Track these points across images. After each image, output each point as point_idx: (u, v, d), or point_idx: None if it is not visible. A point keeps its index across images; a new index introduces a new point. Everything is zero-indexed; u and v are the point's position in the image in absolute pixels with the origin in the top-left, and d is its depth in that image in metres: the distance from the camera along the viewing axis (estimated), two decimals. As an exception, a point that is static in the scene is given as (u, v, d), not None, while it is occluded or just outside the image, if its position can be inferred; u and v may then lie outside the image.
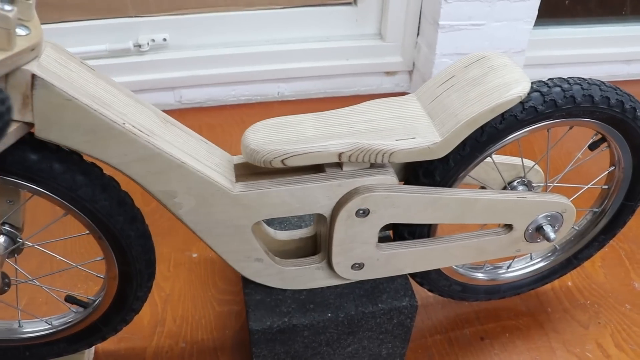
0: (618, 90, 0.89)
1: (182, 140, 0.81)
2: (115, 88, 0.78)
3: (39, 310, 1.16)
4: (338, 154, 0.80)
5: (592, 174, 1.07)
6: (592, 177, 1.06)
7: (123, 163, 0.77)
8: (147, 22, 1.67)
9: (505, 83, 0.80)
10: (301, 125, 0.84)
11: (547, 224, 0.97)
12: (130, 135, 0.74)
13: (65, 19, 1.61)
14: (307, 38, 1.80)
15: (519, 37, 1.66)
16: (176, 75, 1.72)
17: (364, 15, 1.79)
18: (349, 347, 1.02)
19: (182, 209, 0.83)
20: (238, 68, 1.76)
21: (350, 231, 0.88)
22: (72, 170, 0.79)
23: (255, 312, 0.95)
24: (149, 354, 1.11)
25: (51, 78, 0.69)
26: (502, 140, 0.88)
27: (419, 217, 0.89)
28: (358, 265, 0.94)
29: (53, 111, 0.70)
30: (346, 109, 0.87)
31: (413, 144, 0.80)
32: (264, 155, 0.80)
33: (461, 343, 1.15)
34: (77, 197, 0.80)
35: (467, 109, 0.80)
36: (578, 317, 1.21)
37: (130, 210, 0.86)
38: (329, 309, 0.96)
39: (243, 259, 0.91)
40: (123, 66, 1.67)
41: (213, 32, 1.73)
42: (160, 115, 0.82)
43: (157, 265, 1.28)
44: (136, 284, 0.93)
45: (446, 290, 1.10)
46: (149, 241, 0.91)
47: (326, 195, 0.85)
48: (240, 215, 0.85)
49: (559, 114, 0.86)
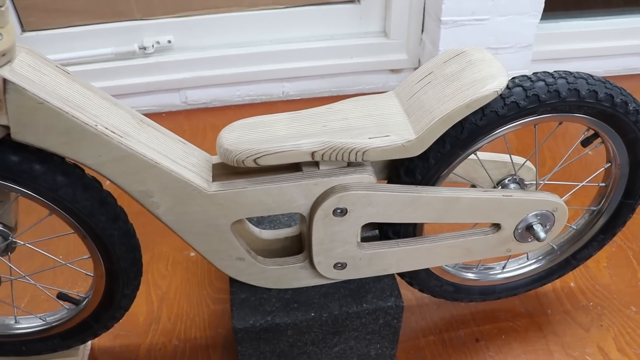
0: (607, 84, 0.86)
1: (157, 141, 0.82)
2: (91, 91, 0.79)
3: (40, 308, 1.19)
4: (310, 152, 0.80)
5: (591, 171, 1.04)
6: (589, 175, 1.03)
7: (98, 164, 0.78)
8: (151, 25, 1.69)
9: (482, 78, 0.78)
10: (275, 125, 0.84)
11: (537, 223, 0.95)
12: (103, 136, 0.75)
13: (72, 23, 1.64)
14: (311, 37, 1.80)
15: (525, 32, 1.63)
16: (181, 76, 1.74)
17: (368, 13, 1.78)
18: (335, 347, 1.01)
19: (160, 209, 0.84)
20: (242, 68, 1.77)
21: (329, 230, 0.88)
22: (52, 171, 0.81)
23: (239, 310, 0.95)
24: (143, 351, 1.13)
25: (23, 82, 0.70)
26: (486, 137, 0.86)
27: (400, 216, 0.88)
28: (340, 265, 0.93)
29: (26, 114, 0.72)
30: (323, 107, 0.86)
31: (387, 141, 0.79)
32: (237, 155, 0.80)
33: (455, 344, 1.13)
34: (59, 197, 0.82)
35: (442, 105, 0.79)
36: (579, 319, 1.18)
37: (112, 210, 0.88)
38: (313, 308, 0.96)
39: (225, 258, 0.92)
40: (129, 68, 1.70)
41: (217, 33, 1.74)
42: (136, 117, 0.83)
43: (155, 263, 1.31)
44: (122, 282, 0.94)
45: (438, 291, 1.09)
46: (133, 240, 0.92)
47: (303, 195, 0.85)
48: (217, 215, 0.85)
49: (543, 109, 0.84)
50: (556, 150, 1.52)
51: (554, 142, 1.54)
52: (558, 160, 1.45)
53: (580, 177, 1.06)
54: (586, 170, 1.06)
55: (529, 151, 1.58)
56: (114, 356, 1.12)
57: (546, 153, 1.53)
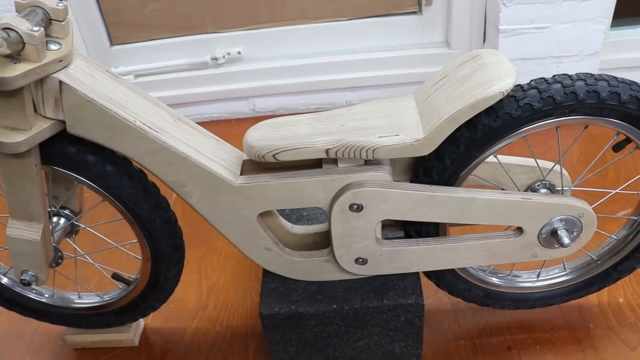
0: (633, 85, 0.84)
1: (191, 136, 0.91)
2: (135, 92, 0.90)
3: (97, 287, 1.32)
4: (325, 149, 0.85)
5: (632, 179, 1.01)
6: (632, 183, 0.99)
7: (137, 155, 0.88)
8: (223, 37, 1.82)
9: (490, 79, 0.80)
10: (297, 124, 0.90)
11: (562, 228, 0.93)
12: (141, 131, 0.86)
13: (153, 37, 1.82)
14: (374, 47, 1.85)
15: (591, 39, 1.57)
16: (250, 85, 1.86)
17: (430, 24, 1.80)
18: (359, 342, 1.05)
19: (192, 198, 0.93)
20: (307, 78, 1.86)
21: (347, 225, 0.92)
22: (103, 162, 0.92)
23: (267, 298, 1.02)
24: (188, 334, 1.23)
25: (75, 83, 0.82)
26: (502, 139, 0.87)
27: (415, 214, 0.91)
28: (362, 260, 0.97)
29: (77, 111, 0.84)
30: (343, 109, 0.91)
31: (396, 140, 0.83)
32: (258, 150, 0.87)
33: (486, 351, 1.12)
34: (108, 184, 0.94)
35: (450, 106, 0.81)
36: (624, 336, 1.12)
37: (155, 198, 0.98)
38: (336, 300, 1.00)
39: (253, 247, 0.99)
40: (201, 78, 1.84)
41: (283, 44, 1.85)
42: (174, 115, 0.93)
43: (209, 256, 1.41)
44: (165, 265, 1.04)
45: (467, 295, 1.09)
46: (174, 227, 1.02)
47: (322, 190, 0.90)
48: (243, 206, 0.93)
49: (560, 112, 0.84)
50: (592, 156, 1.45)
51: (591, 148, 1.48)
52: (593, 165, 1.39)
53: (620, 185, 1.02)
54: (627, 178, 1.02)
55: (565, 156, 1.53)
56: (163, 336, 1.23)
57: (581, 158, 1.47)
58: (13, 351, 1.23)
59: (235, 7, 1.77)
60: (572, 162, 1.53)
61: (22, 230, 0.93)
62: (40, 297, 1.15)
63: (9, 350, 1.23)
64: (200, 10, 1.77)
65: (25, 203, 0.91)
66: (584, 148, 1.57)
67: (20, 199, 0.90)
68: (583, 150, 1.56)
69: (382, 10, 1.80)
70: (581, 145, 1.59)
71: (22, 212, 0.92)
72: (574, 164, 1.52)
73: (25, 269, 0.97)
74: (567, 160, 1.53)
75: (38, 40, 0.77)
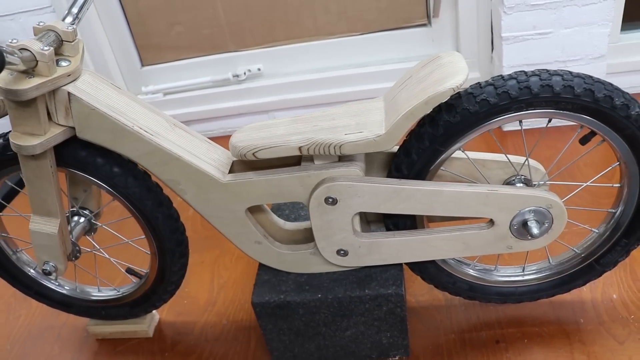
0: (587, 79, 0.88)
1: (184, 140, 1.02)
2: (135, 102, 1.01)
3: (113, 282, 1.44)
4: (298, 147, 0.94)
5: (612, 172, 1.03)
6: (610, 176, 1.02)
7: (137, 156, 0.99)
8: (243, 55, 1.95)
9: (443, 77, 0.86)
10: (277, 127, 0.99)
11: (532, 219, 0.97)
12: (138, 135, 0.97)
13: (179, 57, 1.97)
14: (387, 60, 1.93)
15: (596, 42, 1.59)
16: (269, 99, 1.97)
17: (439, 35, 1.86)
18: (347, 331, 1.11)
19: (187, 195, 1.03)
20: (324, 91, 1.95)
21: (324, 218, 0.99)
22: (110, 164, 1.04)
23: (259, 288, 1.10)
24: (198, 326, 1.32)
25: (81, 94, 0.94)
26: (465, 134, 0.92)
27: (387, 207, 0.97)
28: (343, 252, 1.04)
29: (84, 118, 0.96)
30: (319, 111, 1.00)
31: (360, 137, 0.90)
32: (240, 149, 0.96)
33: (474, 344, 1.16)
34: (115, 184, 1.05)
35: (407, 103, 0.88)
36: (614, 331, 1.13)
37: (158, 197, 1.09)
38: (321, 290, 1.07)
39: (245, 241, 1.08)
40: (224, 94, 1.97)
41: (300, 60, 1.95)
42: (170, 121, 1.03)
43: (222, 258, 1.51)
44: (169, 260, 1.15)
45: (451, 288, 1.13)
46: (176, 223, 1.12)
47: (300, 185, 0.98)
48: (232, 201, 1.02)
49: (517, 106, 0.89)
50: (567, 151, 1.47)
51: (564, 142, 1.49)
52: (568, 160, 1.39)
53: (599, 179, 1.05)
54: (614, 172, 1.04)
55: (544, 152, 1.53)
56: (175, 329, 1.33)
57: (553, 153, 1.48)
58: (44, 340, 1.36)
59: (254, 26, 1.90)
60: (551, 158, 1.53)
61: (42, 224, 1.06)
62: (64, 290, 1.28)
63: (40, 340, 1.37)
64: (222, 31, 1.91)
65: (44, 200, 1.03)
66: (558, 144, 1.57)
67: (40, 197, 1.03)
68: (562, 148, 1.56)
69: (393, 24, 1.88)
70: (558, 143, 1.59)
71: (41, 209, 1.05)
72: (554, 159, 1.52)
73: (47, 260, 1.10)
74: (544, 155, 1.54)
75: (48, 58, 0.89)
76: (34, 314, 1.44)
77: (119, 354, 1.30)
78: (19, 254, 1.26)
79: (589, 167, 1.51)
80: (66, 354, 1.32)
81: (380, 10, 1.85)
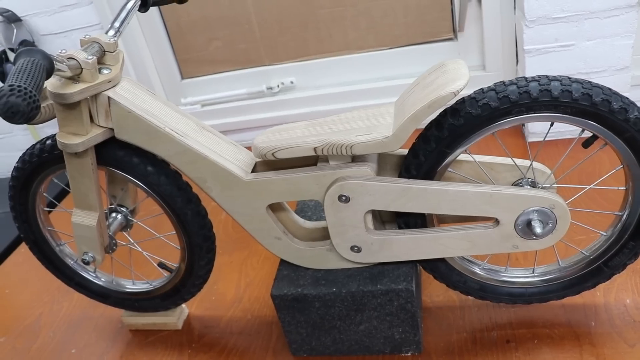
0: (586, 84, 0.92)
1: (211, 141, 1.11)
2: (168, 106, 1.11)
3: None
4: (313, 148, 1.01)
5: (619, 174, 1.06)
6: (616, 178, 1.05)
7: (168, 156, 1.09)
8: (277, 69, 2.05)
9: (446, 83, 0.92)
10: (294, 130, 1.07)
11: (536, 219, 1.01)
12: (169, 136, 1.06)
13: (217, 71, 2.09)
14: (415, 73, 1.99)
15: (619, 54, 1.61)
16: (302, 111, 2.06)
17: (465, 49, 1.91)
18: (360, 325, 1.17)
19: (213, 192, 1.12)
20: (354, 103, 2.03)
21: (338, 215, 1.06)
22: (144, 163, 1.14)
23: (279, 282, 1.17)
24: (224, 320, 1.40)
25: (119, 99, 1.05)
26: (469, 137, 0.98)
27: (397, 205, 1.03)
28: (357, 248, 1.11)
29: (122, 120, 1.06)
30: (335, 116, 1.07)
31: (369, 138, 0.97)
32: (261, 150, 1.05)
33: (485, 343, 1.19)
34: (148, 182, 1.15)
35: (413, 107, 0.94)
36: (626, 335, 1.14)
37: (187, 195, 1.18)
38: (336, 285, 1.13)
39: (265, 236, 1.15)
40: (258, 106, 2.07)
41: (331, 73, 2.04)
42: (199, 124, 1.13)
43: (250, 258, 1.59)
44: (197, 254, 1.24)
45: (462, 287, 1.17)
46: (204, 220, 1.21)
47: (315, 184, 1.05)
48: (253, 199, 1.10)
49: (518, 110, 0.94)
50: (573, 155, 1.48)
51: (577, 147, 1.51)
52: (574, 163, 1.40)
53: (604, 181, 1.07)
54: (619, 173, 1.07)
55: (551, 156, 1.54)
56: (202, 322, 1.41)
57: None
58: (83, 330, 1.47)
59: (287, 41, 2.00)
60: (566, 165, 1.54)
61: (82, 217, 1.16)
62: (101, 282, 1.39)
63: (79, 329, 1.48)
64: (257, 46, 2.02)
65: (85, 195, 1.14)
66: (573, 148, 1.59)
67: (81, 192, 1.14)
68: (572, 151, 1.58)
69: (420, 39, 1.94)
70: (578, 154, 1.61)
71: (82, 203, 1.16)
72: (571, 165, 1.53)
73: (86, 251, 1.20)
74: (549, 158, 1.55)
75: (91, 66, 1.00)
76: (75, 306, 1.56)
77: (149, 344, 1.39)
78: (61, 247, 1.38)
79: (602, 170, 1.52)
80: (101, 342, 1.42)
81: (407, 25, 1.92)
